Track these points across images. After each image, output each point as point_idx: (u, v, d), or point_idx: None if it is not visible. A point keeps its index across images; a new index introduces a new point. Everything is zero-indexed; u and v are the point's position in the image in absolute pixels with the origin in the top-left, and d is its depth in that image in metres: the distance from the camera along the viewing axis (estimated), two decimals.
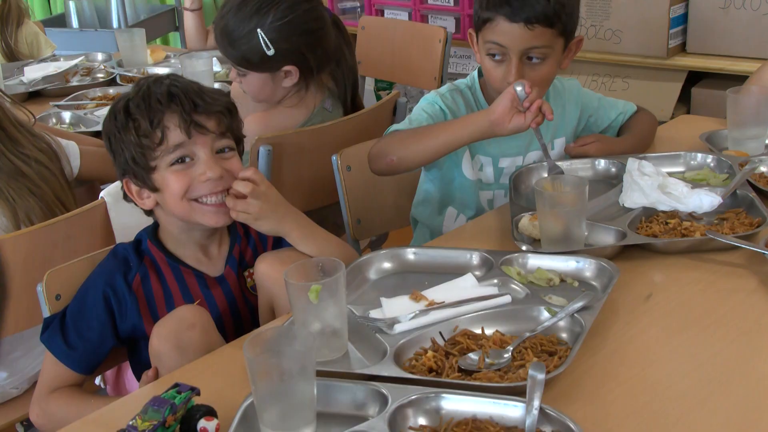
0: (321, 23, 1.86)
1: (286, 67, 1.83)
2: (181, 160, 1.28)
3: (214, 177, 1.28)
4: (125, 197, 1.37)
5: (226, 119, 1.31)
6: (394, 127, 1.61)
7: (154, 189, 1.31)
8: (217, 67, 2.61)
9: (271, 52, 1.80)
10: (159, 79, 1.31)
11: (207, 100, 1.29)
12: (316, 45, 1.84)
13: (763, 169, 1.60)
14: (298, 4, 1.82)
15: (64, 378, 1.31)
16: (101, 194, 1.55)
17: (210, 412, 0.99)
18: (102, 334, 1.30)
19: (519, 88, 1.43)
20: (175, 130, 1.27)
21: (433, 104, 1.63)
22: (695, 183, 1.54)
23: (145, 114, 1.27)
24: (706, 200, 1.45)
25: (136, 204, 1.35)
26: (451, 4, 3.16)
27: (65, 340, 1.29)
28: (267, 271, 1.32)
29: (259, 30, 1.79)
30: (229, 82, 2.37)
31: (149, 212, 1.36)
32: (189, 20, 3.01)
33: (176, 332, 1.22)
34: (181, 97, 1.27)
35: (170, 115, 1.27)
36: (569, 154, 1.69)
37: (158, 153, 1.27)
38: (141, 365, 1.33)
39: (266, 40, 1.79)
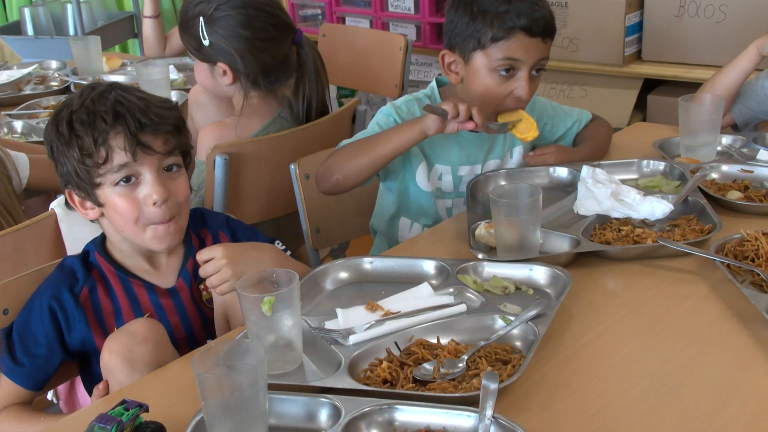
0: (267, 35, 1.81)
1: (221, 65, 1.82)
2: (126, 179, 1.26)
3: (160, 200, 1.26)
4: (67, 204, 1.34)
5: (173, 138, 1.29)
6: (345, 142, 1.60)
7: (99, 204, 1.29)
8: (173, 75, 2.58)
9: (206, 42, 1.80)
10: (104, 92, 1.27)
11: (154, 119, 1.26)
12: (254, 53, 1.80)
13: (714, 176, 1.63)
14: (246, 7, 1.79)
15: (12, 395, 1.28)
16: (51, 205, 1.51)
17: (159, 429, 0.98)
18: (49, 348, 1.28)
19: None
20: (120, 152, 1.24)
21: (388, 116, 1.63)
22: (648, 190, 1.56)
23: (89, 132, 1.23)
24: (658, 207, 1.47)
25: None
26: (412, 12, 3.17)
27: (12, 356, 1.26)
28: None
29: (201, 17, 1.79)
30: (187, 90, 2.35)
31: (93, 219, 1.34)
32: (147, 27, 2.97)
33: (128, 346, 1.20)
34: (126, 117, 1.24)
35: (115, 136, 1.24)
36: (528, 164, 1.70)
37: (102, 171, 1.25)
38: (93, 380, 1.30)
39: (204, 28, 1.78)
